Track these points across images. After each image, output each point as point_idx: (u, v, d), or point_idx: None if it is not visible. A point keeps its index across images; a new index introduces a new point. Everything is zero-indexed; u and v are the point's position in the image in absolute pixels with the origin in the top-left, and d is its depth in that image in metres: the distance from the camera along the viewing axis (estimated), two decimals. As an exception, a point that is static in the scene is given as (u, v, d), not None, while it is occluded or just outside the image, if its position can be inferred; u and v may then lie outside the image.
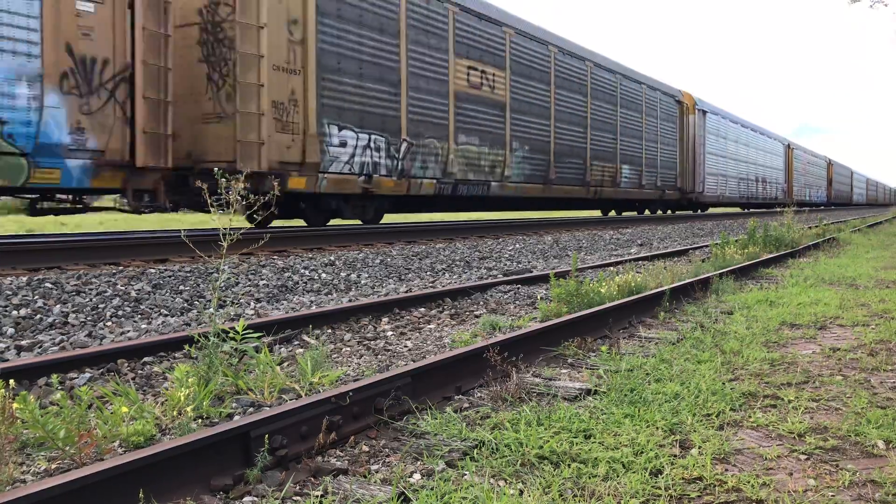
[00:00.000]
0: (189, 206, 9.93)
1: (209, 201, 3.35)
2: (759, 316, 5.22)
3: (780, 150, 39.81)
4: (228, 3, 9.38)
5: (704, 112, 26.61)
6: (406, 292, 6.51)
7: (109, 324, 4.88)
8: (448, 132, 13.16)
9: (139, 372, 3.64)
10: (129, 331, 4.68)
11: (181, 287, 5.98)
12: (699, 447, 2.53)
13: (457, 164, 13.37)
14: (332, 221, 12.08)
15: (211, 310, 3.36)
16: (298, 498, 2.18)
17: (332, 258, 7.98)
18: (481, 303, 6.04)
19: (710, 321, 5.01)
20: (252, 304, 5.84)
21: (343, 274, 7.35)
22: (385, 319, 5.19)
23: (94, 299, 5.29)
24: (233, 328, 3.24)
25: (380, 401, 2.82)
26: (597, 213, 23.62)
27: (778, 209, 28.03)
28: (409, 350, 4.27)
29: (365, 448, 2.58)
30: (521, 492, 2.16)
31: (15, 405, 2.38)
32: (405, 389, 2.95)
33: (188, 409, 2.73)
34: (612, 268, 8.75)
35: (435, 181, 12.89)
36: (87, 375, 3.46)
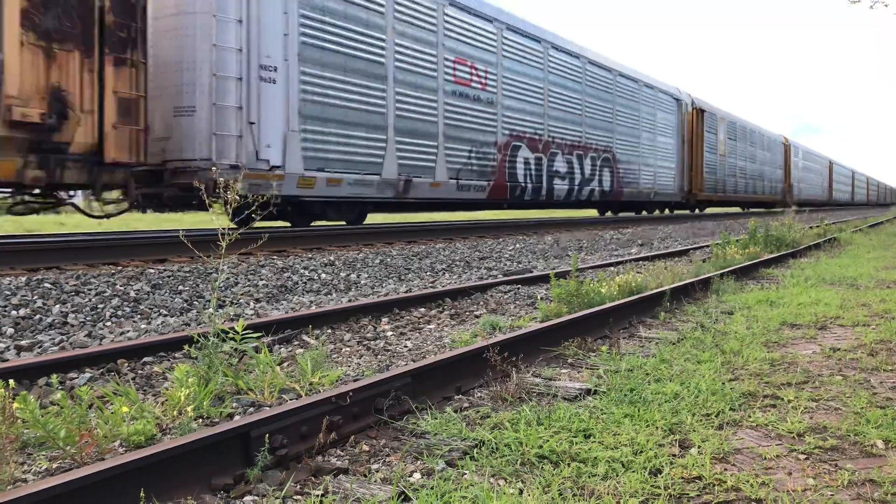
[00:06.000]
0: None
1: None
2: (760, 316, 5.22)
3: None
4: None
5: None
6: (406, 292, 6.51)
7: (109, 324, 4.89)
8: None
9: (139, 372, 3.64)
10: (128, 331, 4.68)
11: (180, 287, 5.98)
12: (699, 447, 2.53)
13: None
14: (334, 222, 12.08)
15: (210, 310, 3.36)
16: (299, 497, 2.18)
17: (331, 258, 7.98)
18: (481, 303, 6.04)
19: (711, 321, 5.01)
20: (251, 304, 5.84)
21: (343, 274, 7.35)
22: (385, 319, 5.19)
23: (93, 299, 5.29)
24: (232, 328, 3.24)
25: (380, 401, 2.82)
26: (596, 213, 23.56)
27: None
28: (409, 350, 4.27)
29: (365, 447, 2.58)
30: (521, 491, 2.16)
31: (15, 405, 2.38)
32: (405, 389, 2.95)
33: (188, 408, 2.74)
34: (612, 268, 8.75)
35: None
36: (88, 375, 3.47)
